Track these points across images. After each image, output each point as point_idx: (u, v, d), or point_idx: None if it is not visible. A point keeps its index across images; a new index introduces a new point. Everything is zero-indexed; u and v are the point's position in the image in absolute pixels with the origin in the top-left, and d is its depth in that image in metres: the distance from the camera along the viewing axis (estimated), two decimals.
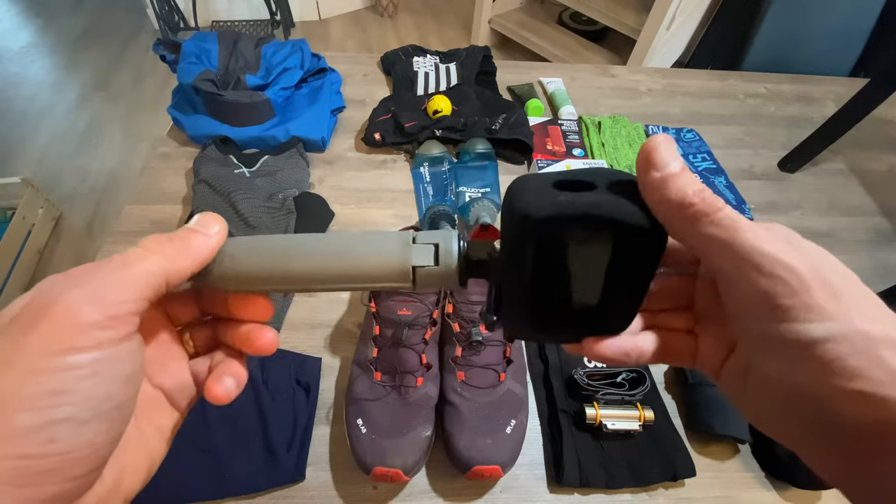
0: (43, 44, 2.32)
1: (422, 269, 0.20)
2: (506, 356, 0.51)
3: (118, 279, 0.17)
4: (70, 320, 0.15)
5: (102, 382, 0.16)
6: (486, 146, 0.78)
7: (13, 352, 0.15)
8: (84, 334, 0.15)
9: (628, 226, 0.17)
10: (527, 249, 0.18)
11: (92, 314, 0.16)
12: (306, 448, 0.49)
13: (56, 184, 1.69)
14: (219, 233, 0.20)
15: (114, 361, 0.16)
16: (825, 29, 1.36)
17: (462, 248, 0.20)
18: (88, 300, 0.16)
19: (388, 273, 0.20)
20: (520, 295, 0.19)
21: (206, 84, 0.73)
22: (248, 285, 0.21)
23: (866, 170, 0.88)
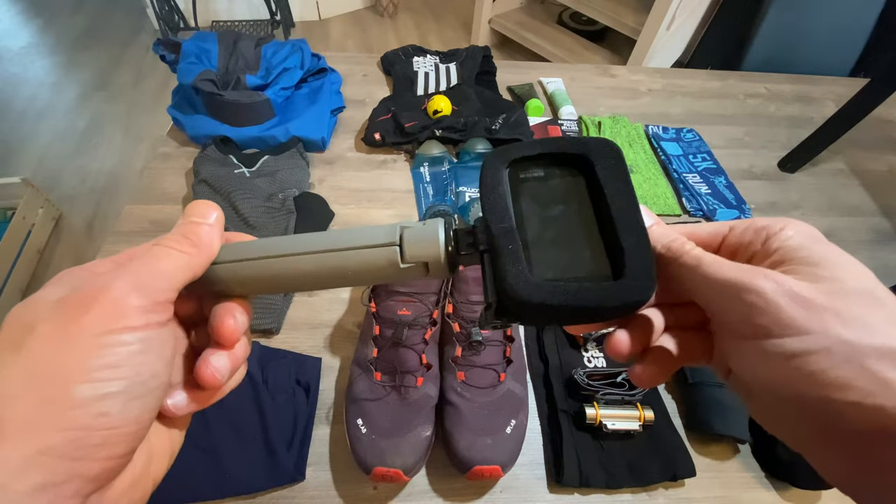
0: (43, 44, 2.32)
1: (409, 231, 0.20)
2: (506, 356, 0.51)
3: (155, 271, 0.18)
4: (122, 303, 0.17)
5: (150, 360, 0.17)
6: (486, 146, 0.78)
7: (72, 329, 0.16)
8: (135, 316, 0.17)
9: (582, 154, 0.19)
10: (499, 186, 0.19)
11: (140, 298, 0.17)
12: (306, 448, 0.49)
13: (56, 184, 1.69)
14: (218, 219, 0.21)
15: (159, 342, 0.18)
16: (825, 29, 1.36)
17: (451, 247, 0.20)
18: (134, 287, 0.17)
19: (377, 266, 0.20)
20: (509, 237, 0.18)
21: (206, 84, 0.73)
22: (242, 286, 0.21)
23: (866, 170, 0.88)
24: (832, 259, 0.17)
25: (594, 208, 0.18)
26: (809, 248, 0.17)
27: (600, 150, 0.19)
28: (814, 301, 0.15)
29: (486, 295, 0.19)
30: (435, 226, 0.20)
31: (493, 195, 0.19)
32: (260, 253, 0.21)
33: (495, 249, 0.18)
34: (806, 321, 0.15)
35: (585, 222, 0.18)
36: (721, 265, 0.17)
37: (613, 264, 0.17)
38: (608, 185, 0.18)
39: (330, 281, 0.20)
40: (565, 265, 0.18)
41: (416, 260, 0.19)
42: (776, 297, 0.16)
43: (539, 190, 0.19)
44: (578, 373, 0.52)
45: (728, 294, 0.17)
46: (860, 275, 0.16)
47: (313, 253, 0.20)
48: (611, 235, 0.18)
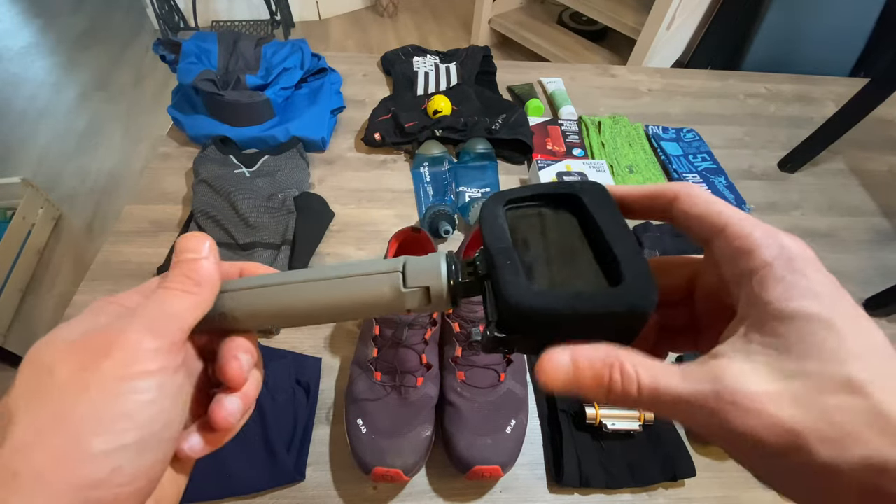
0: (43, 44, 2.32)
1: (411, 282, 0.20)
2: (506, 356, 0.51)
3: (165, 313, 0.18)
4: (138, 346, 0.17)
5: (165, 409, 0.17)
6: (486, 146, 0.78)
7: (89, 374, 0.16)
8: (150, 359, 0.17)
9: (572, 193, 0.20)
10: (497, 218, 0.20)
11: (154, 341, 0.17)
12: (306, 448, 0.49)
13: (56, 184, 1.69)
14: (211, 249, 0.21)
15: (174, 388, 0.18)
16: (825, 29, 1.36)
17: (453, 273, 0.20)
18: (148, 330, 0.17)
19: (379, 292, 0.21)
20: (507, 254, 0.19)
21: (206, 84, 0.73)
22: (246, 318, 0.21)
23: (866, 170, 0.88)
24: (808, 342, 0.14)
25: (587, 236, 0.20)
26: (783, 319, 0.15)
27: (588, 188, 0.20)
28: (795, 424, 0.14)
29: (487, 315, 0.19)
30: (437, 256, 0.21)
31: (492, 225, 0.20)
32: (263, 282, 0.21)
33: (494, 267, 0.18)
34: (789, 445, 0.14)
35: (580, 244, 0.19)
36: (680, 405, 0.15)
37: (611, 277, 0.18)
38: (598, 213, 0.19)
39: (333, 311, 0.21)
40: (564, 278, 0.18)
41: (418, 285, 0.20)
42: (759, 433, 0.14)
43: (534, 221, 0.21)
44: None
45: (701, 430, 0.15)
46: (835, 360, 0.14)
47: (317, 280, 0.21)
48: (606, 254, 0.18)
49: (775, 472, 0.15)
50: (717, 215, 0.18)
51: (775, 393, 0.14)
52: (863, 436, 0.13)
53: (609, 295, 0.17)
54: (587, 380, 0.16)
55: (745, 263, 0.16)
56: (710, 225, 0.18)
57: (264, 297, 0.21)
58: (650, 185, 0.20)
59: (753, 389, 0.14)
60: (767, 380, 0.14)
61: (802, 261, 0.16)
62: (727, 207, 0.18)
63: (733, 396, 0.14)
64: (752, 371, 0.15)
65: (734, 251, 0.17)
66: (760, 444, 0.14)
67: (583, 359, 0.16)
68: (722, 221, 0.17)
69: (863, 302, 0.68)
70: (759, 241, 0.16)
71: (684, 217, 0.19)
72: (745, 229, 0.17)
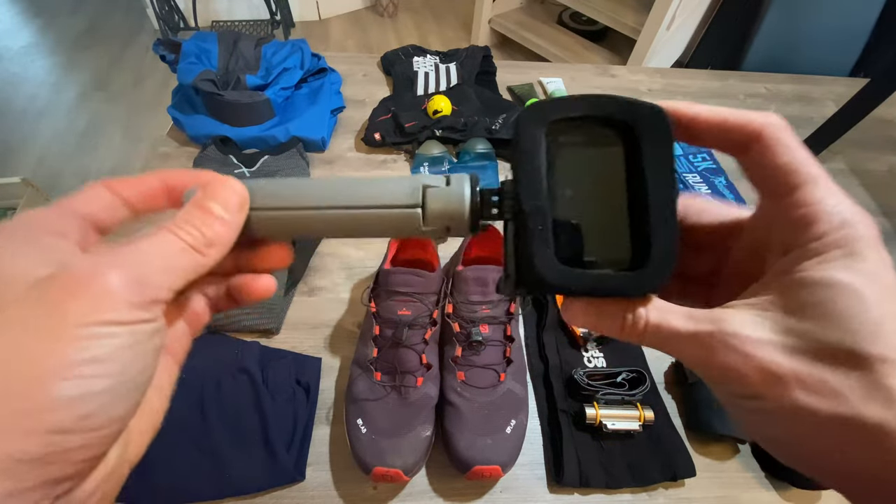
0: (43, 44, 2.32)
1: (432, 192, 0.19)
2: (506, 356, 0.51)
3: (162, 265, 0.16)
4: (112, 295, 0.15)
5: (140, 353, 0.16)
6: (486, 146, 0.78)
7: (50, 317, 0.14)
8: (126, 310, 0.15)
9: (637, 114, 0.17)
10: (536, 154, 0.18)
11: (135, 294, 0.15)
12: (306, 448, 0.49)
13: (56, 184, 1.69)
14: (241, 209, 0.19)
15: (149, 336, 0.16)
16: (825, 29, 1.36)
17: (476, 211, 0.19)
18: (133, 281, 0.15)
19: (398, 226, 0.19)
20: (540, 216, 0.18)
21: (206, 84, 0.73)
22: (264, 232, 0.20)
23: (866, 170, 0.88)
24: (823, 308, 0.14)
25: (629, 186, 0.18)
26: (808, 286, 0.15)
27: (649, 122, 0.17)
28: (776, 368, 0.14)
29: (506, 264, 0.19)
30: (461, 186, 0.19)
31: (529, 165, 0.18)
32: (282, 202, 0.20)
33: (525, 228, 0.17)
34: (768, 387, 0.14)
35: (617, 203, 0.18)
36: (678, 339, 0.16)
37: (637, 250, 0.17)
38: (649, 166, 0.17)
39: (352, 233, 0.20)
40: (590, 247, 0.18)
41: (438, 223, 0.19)
42: (741, 370, 0.15)
43: (576, 159, 0.18)
44: (578, 373, 0.52)
45: (694, 364, 0.16)
46: (847, 329, 0.14)
47: (338, 208, 0.19)
48: (641, 220, 0.17)
49: (750, 413, 0.15)
50: (793, 174, 0.16)
51: (767, 341, 0.15)
52: (848, 395, 0.13)
53: (627, 280, 0.17)
54: (606, 319, 0.17)
55: (799, 234, 0.15)
56: (784, 182, 0.16)
57: (284, 220, 0.20)
58: (729, 112, 0.17)
59: (747, 334, 0.15)
60: (764, 330, 0.15)
61: (858, 239, 0.15)
62: (808, 164, 0.16)
63: (726, 337, 0.15)
64: (752, 322, 0.15)
65: (794, 219, 0.16)
66: (739, 382, 0.15)
67: (605, 302, 0.18)
68: (797, 182, 0.16)
69: None
70: (824, 213, 0.15)
71: (760, 163, 0.17)
72: (816, 196, 0.15)
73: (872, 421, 0.13)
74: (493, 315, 0.51)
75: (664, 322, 0.16)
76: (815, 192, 0.15)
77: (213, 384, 0.51)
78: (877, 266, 0.14)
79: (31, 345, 0.14)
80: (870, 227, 0.15)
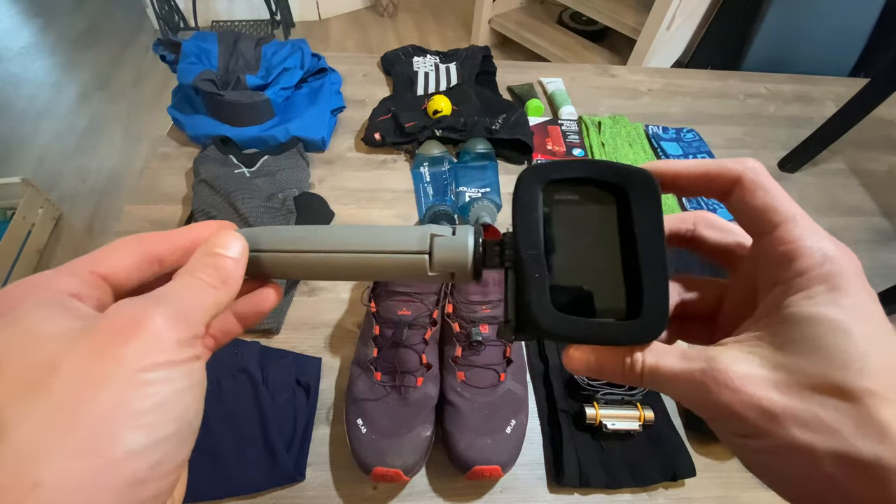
0: (43, 44, 2.32)
1: (439, 241, 0.20)
2: (506, 356, 0.51)
3: (195, 302, 0.17)
4: (163, 334, 0.15)
5: (197, 395, 0.16)
6: (486, 146, 0.78)
7: (107, 367, 0.13)
8: (178, 349, 0.15)
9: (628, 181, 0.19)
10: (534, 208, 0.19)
11: (181, 331, 0.15)
12: (306, 448, 0.49)
13: (56, 184, 1.69)
14: (243, 252, 0.20)
15: (199, 376, 0.16)
16: (825, 29, 1.36)
17: (479, 260, 0.20)
18: (175, 317, 0.15)
19: (405, 271, 0.20)
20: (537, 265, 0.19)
21: (206, 84, 0.73)
22: (270, 272, 0.21)
23: (866, 170, 0.88)
24: (811, 343, 0.15)
25: (621, 240, 0.19)
26: (795, 322, 0.15)
27: (639, 184, 0.19)
28: (770, 405, 0.14)
29: (507, 311, 0.20)
30: (465, 237, 0.20)
31: (527, 218, 0.19)
32: (293, 246, 0.21)
33: (523, 276, 0.19)
34: (763, 424, 0.14)
35: (611, 255, 0.19)
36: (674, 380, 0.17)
37: (631, 301, 0.18)
38: (639, 222, 0.18)
39: (358, 277, 0.21)
40: (586, 297, 0.19)
41: (444, 269, 0.20)
42: (736, 408, 0.15)
43: (571, 215, 0.20)
44: None
45: (691, 404, 0.17)
46: (835, 364, 0.14)
47: (347, 252, 0.20)
48: (634, 272, 0.18)
49: (750, 451, 0.16)
50: (773, 212, 0.17)
51: (759, 377, 0.15)
52: (843, 431, 0.13)
53: (622, 329, 0.18)
54: (607, 363, 0.18)
55: (783, 270, 0.16)
56: (766, 221, 0.17)
57: (289, 262, 0.21)
58: (711, 163, 0.18)
59: (738, 370, 0.15)
60: (755, 366, 0.15)
61: (841, 274, 0.15)
62: (787, 204, 0.17)
63: (718, 374, 0.15)
64: (743, 358, 0.16)
65: (778, 255, 0.16)
66: (736, 421, 0.15)
67: (603, 347, 0.18)
68: (777, 220, 0.17)
69: None
70: (805, 249, 0.16)
71: (741, 205, 0.18)
72: (796, 234, 0.16)
73: (868, 457, 0.13)
74: (493, 315, 0.51)
75: (660, 363, 0.17)
76: (795, 230, 0.16)
77: (213, 384, 0.51)
78: (861, 300, 0.15)
79: (96, 399, 0.13)
80: (851, 260, 0.16)
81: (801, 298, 0.15)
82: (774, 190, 0.17)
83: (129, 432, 0.13)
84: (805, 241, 0.16)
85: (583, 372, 0.19)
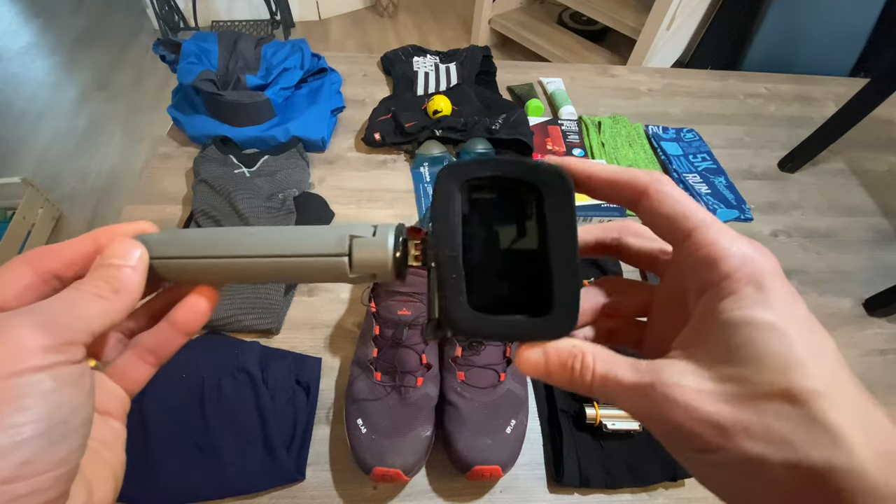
0: (43, 44, 2.32)
1: (358, 242, 0.20)
2: (506, 356, 0.51)
3: (67, 312, 0.17)
4: (25, 343, 0.15)
5: (68, 396, 0.16)
6: (486, 146, 0.78)
7: None
8: (39, 356, 0.15)
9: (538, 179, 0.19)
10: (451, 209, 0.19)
11: (45, 338, 0.16)
12: (306, 448, 0.49)
13: (56, 184, 1.69)
14: (141, 259, 0.19)
15: (74, 375, 0.16)
16: (825, 29, 1.36)
17: (400, 259, 0.20)
18: (39, 326, 0.16)
19: (325, 274, 0.20)
20: (454, 265, 0.19)
21: (206, 84, 0.73)
22: (190, 279, 0.21)
23: (866, 170, 0.88)
24: (752, 349, 0.15)
25: (537, 238, 0.19)
26: (732, 327, 0.15)
27: (551, 183, 0.19)
28: (721, 419, 0.14)
29: (430, 310, 0.20)
30: (385, 237, 0.20)
31: (445, 219, 0.19)
32: (207, 251, 0.20)
33: (440, 277, 0.19)
34: (715, 439, 0.14)
35: (527, 254, 0.19)
36: (623, 392, 0.16)
37: (543, 298, 0.18)
38: (551, 219, 0.19)
39: (279, 280, 0.21)
40: (500, 295, 0.19)
41: (364, 271, 0.20)
42: (686, 424, 0.15)
43: (487, 214, 0.20)
44: None
45: (640, 419, 0.16)
46: (777, 369, 0.14)
47: (262, 257, 0.20)
48: (546, 269, 0.19)
49: (704, 466, 0.16)
50: (684, 219, 0.17)
51: (706, 391, 0.15)
52: (794, 440, 0.13)
53: (534, 325, 0.18)
54: (555, 367, 0.18)
55: (707, 274, 0.16)
56: (678, 228, 0.17)
57: (204, 268, 0.20)
58: (620, 170, 0.19)
59: (686, 384, 0.15)
60: (702, 379, 0.15)
61: (763, 273, 0.15)
62: (696, 210, 0.17)
63: (666, 389, 0.15)
64: (690, 371, 0.15)
65: (698, 260, 0.16)
66: (688, 437, 0.15)
67: (552, 350, 0.18)
68: (689, 226, 0.17)
69: (863, 302, 0.68)
70: (724, 251, 0.16)
71: (651, 214, 0.18)
72: (711, 237, 0.16)
73: (820, 464, 0.13)
74: None
75: (610, 373, 0.17)
76: (709, 234, 0.16)
77: (213, 384, 0.51)
78: (787, 298, 0.15)
79: None
80: (770, 258, 0.16)
81: (733, 302, 0.15)
82: (682, 198, 0.18)
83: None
84: (722, 243, 0.16)
85: (532, 374, 0.18)
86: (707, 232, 0.16)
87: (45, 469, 0.15)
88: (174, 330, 0.21)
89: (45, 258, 0.19)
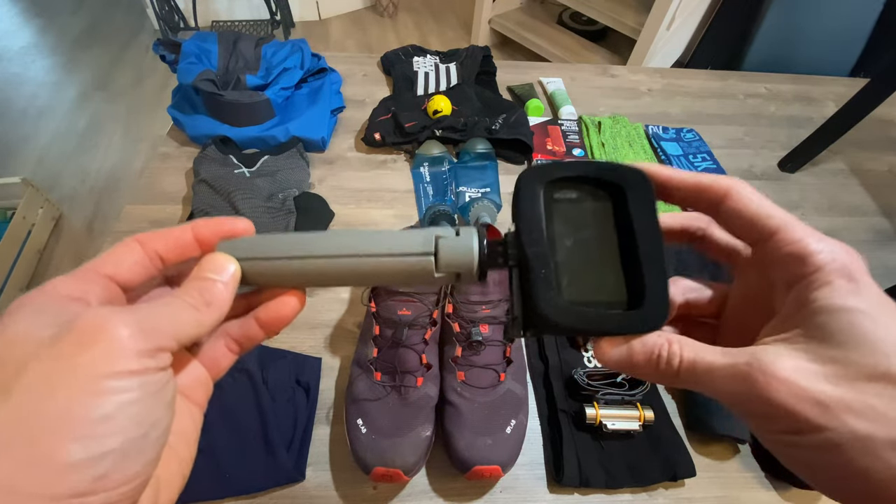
0: (43, 44, 2.32)
1: (444, 242, 0.20)
2: (506, 356, 0.51)
3: (164, 317, 0.17)
4: (124, 343, 0.15)
5: (149, 408, 0.16)
6: (486, 146, 0.78)
7: (63, 372, 0.14)
8: (136, 359, 0.15)
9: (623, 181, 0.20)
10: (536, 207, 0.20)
11: (142, 342, 0.16)
12: (306, 448, 0.49)
13: (56, 184, 1.69)
14: (234, 275, 0.20)
15: (158, 385, 0.16)
16: (825, 29, 1.36)
17: (484, 259, 0.21)
18: (139, 329, 0.16)
19: (410, 273, 0.20)
20: (542, 262, 0.19)
21: (206, 84, 0.73)
22: (273, 282, 0.21)
23: (866, 170, 0.88)
24: (851, 333, 0.15)
25: (620, 235, 0.20)
26: (830, 313, 0.15)
27: (635, 182, 0.20)
28: (824, 398, 0.14)
29: (513, 308, 0.20)
30: (469, 237, 0.20)
31: (529, 216, 0.20)
32: (295, 252, 0.21)
33: (528, 272, 0.19)
34: (818, 418, 0.14)
35: (611, 249, 0.20)
36: (715, 374, 0.16)
37: (633, 292, 0.19)
38: (637, 216, 0.19)
39: (363, 281, 0.21)
40: (590, 290, 0.19)
41: (449, 270, 0.20)
42: (788, 402, 0.15)
43: (571, 212, 0.20)
44: (578, 373, 0.52)
45: (733, 401, 0.16)
46: (879, 352, 0.14)
47: (350, 256, 0.20)
48: (634, 264, 0.19)
49: (800, 448, 0.15)
50: (767, 219, 0.18)
51: (808, 370, 0.15)
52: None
53: (626, 318, 0.18)
54: (641, 359, 0.18)
55: (798, 268, 0.17)
56: (762, 227, 0.18)
57: (293, 269, 0.21)
58: (701, 176, 0.19)
59: (787, 364, 0.15)
60: (802, 361, 0.15)
61: (852, 266, 0.16)
62: (778, 210, 0.18)
63: (765, 367, 0.15)
64: (787, 354, 0.16)
65: (786, 256, 0.17)
66: (788, 416, 0.15)
67: (637, 343, 0.18)
68: (774, 225, 0.17)
69: None
70: (812, 246, 0.16)
71: (734, 216, 0.18)
72: (797, 234, 0.17)
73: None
74: (493, 315, 0.51)
75: (699, 357, 0.17)
76: (796, 232, 0.17)
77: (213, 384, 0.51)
78: (876, 290, 0.16)
79: (47, 406, 0.14)
80: (856, 254, 0.17)
81: (828, 292, 0.16)
82: (763, 199, 0.18)
83: (72, 444, 0.13)
84: (809, 241, 0.17)
85: (614, 366, 0.19)
86: (793, 230, 0.17)
87: (118, 484, 0.14)
88: (258, 327, 0.21)
89: (153, 239, 0.20)
